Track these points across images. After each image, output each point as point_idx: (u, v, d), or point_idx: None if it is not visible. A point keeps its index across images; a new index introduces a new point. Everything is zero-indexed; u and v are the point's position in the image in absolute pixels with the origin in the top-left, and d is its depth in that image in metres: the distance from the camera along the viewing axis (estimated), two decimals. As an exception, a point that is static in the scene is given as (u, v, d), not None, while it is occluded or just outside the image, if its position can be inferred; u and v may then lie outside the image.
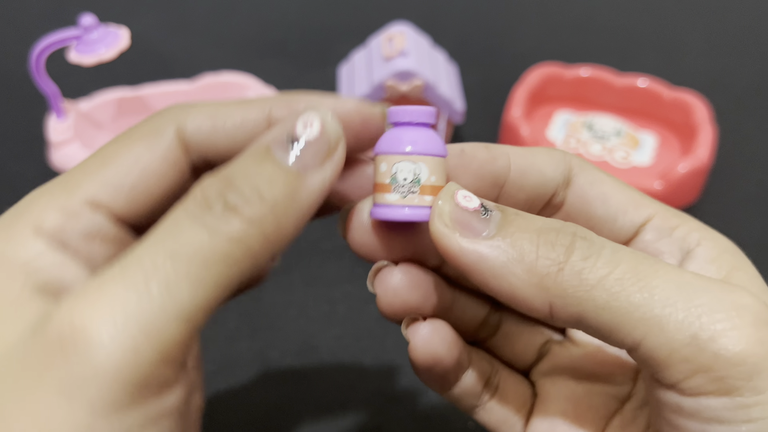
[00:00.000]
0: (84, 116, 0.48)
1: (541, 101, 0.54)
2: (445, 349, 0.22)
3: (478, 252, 0.18)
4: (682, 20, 0.67)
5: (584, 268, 0.18)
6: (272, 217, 0.17)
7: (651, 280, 0.18)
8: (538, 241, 0.18)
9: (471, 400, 0.24)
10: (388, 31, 0.49)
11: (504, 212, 0.19)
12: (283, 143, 0.18)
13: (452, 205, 0.19)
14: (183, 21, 0.66)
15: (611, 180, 0.23)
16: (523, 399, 0.25)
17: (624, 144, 0.51)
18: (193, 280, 0.16)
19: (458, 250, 0.19)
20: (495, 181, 0.22)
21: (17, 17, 0.66)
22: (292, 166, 0.18)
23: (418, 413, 0.36)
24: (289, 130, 0.18)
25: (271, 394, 0.36)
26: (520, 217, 0.19)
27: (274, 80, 0.56)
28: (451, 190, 0.20)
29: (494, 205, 0.20)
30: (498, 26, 0.66)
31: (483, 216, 0.19)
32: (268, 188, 0.17)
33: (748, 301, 0.17)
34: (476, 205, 0.19)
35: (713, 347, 0.17)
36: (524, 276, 0.18)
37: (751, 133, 0.54)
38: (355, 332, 0.39)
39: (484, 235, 0.19)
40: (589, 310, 0.18)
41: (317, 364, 0.38)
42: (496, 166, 0.22)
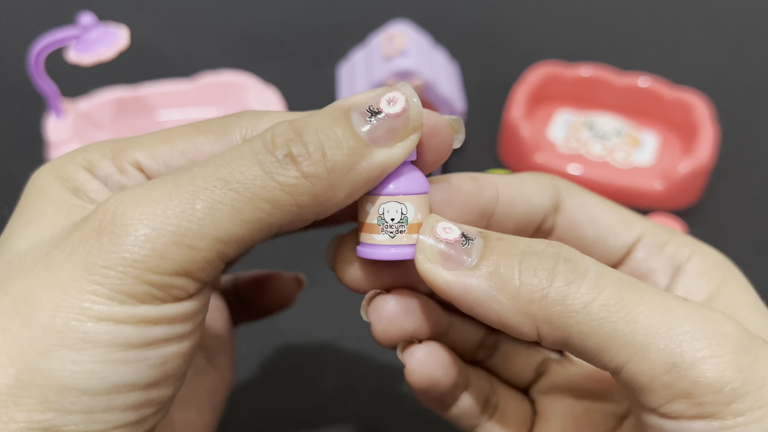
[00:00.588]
0: (83, 116, 0.48)
1: (541, 101, 0.54)
2: (441, 372, 0.22)
3: (462, 283, 0.19)
4: (684, 19, 0.67)
5: (568, 294, 0.18)
6: (327, 179, 0.17)
7: (635, 307, 0.18)
8: (520, 267, 0.18)
9: (470, 419, 0.24)
10: (389, 30, 0.49)
11: (486, 238, 0.19)
12: (363, 111, 0.18)
13: (433, 238, 0.19)
14: (182, 20, 0.66)
15: (600, 202, 0.23)
16: (522, 418, 0.25)
17: (625, 144, 0.51)
18: (236, 210, 0.17)
19: (443, 283, 0.19)
20: (483, 212, 0.22)
21: (16, 16, 0.66)
22: (363, 134, 0.18)
23: (418, 414, 0.36)
24: (373, 100, 0.18)
25: (271, 394, 0.36)
26: (502, 243, 0.19)
27: (273, 79, 0.55)
28: (431, 223, 0.20)
29: (476, 232, 0.19)
30: (498, 25, 0.66)
31: (464, 246, 0.19)
32: (333, 149, 0.18)
33: (728, 329, 0.18)
34: (456, 235, 0.19)
35: (693, 374, 0.17)
36: (509, 303, 0.18)
37: (753, 133, 0.54)
38: (354, 333, 0.39)
39: (466, 265, 0.19)
40: (575, 334, 0.18)
41: (317, 365, 0.38)
42: (483, 198, 0.22)
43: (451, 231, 0.19)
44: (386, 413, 0.36)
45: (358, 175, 0.18)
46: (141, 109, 0.50)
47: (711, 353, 0.17)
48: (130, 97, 0.50)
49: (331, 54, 0.61)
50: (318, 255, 0.43)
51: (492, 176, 0.22)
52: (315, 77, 0.58)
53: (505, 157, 0.50)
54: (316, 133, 0.18)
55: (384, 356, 0.38)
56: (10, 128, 0.53)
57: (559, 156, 0.49)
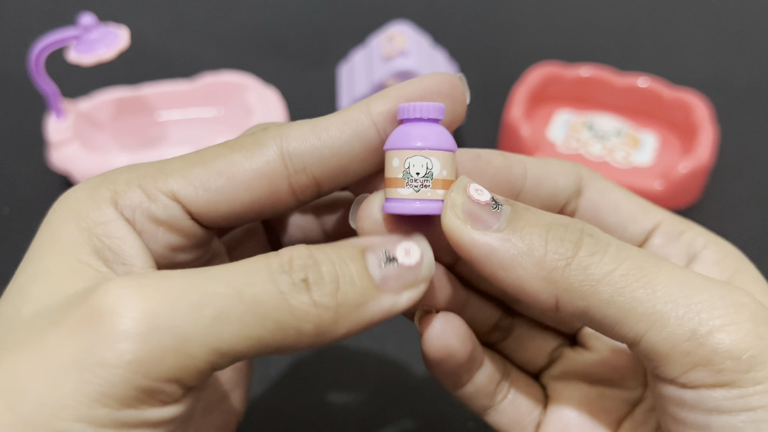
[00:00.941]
0: (83, 116, 0.48)
1: (541, 101, 0.54)
2: (458, 342, 0.22)
3: (489, 244, 0.19)
4: (683, 19, 0.67)
5: (591, 264, 0.18)
6: (334, 312, 0.18)
7: (655, 276, 0.18)
8: (547, 236, 0.19)
9: (484, 400, 0.24)
10: (389, 30, 0.49)
11: (514, 206, 0.20)
12: (380, 254, 0.19)
13: (464, 197, 0.19)
14: (182, 21, 0.66)
15: (620, 190, 0.24)
16: (535, 401, 0.25)
17: (624, 144, 0.51)
18: (243, 323, 0.17)
19: (469, 241, 0.19)
20: (511, 188, 0.22)
21: (16, 17, 0.66)
22: (376, 277, 0.19)
23: (418, 413, 0.36)
24: (390, 246, 0.19)
25: (271, 394, 0.36)
26: (529, 212, 0.20)
27: (273, 80, 0.55)
28: (463, 183, 0.20)
29: (504, 200, 0.20)
30: (498, 25, 0.66)
31: (494, 209, 0.19)
32: (346, 285, 0.18)
33: (746, 300, 0.18)
34: (487, 198, 0.19)
35: (712, 341, 0.17)
36: (533, 269, 0.19)
37: (752, 133, 0.54)
38: (355, 332, 0.39)
39: (494, 227, 0.19)
40: (594, 304, 0.18)
41: (317, 365, 0.38)
42: (512, 173, 0.22)
43: (482, 193, 0.20)
44: (387, 413, 0.36)
45: (362, 315, 0.18)
46: (141, 109, 0.50)
47: (729, 321, 0.17)
48: (130, 97, 0.50)
49: (331, 54, 0.61)
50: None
51: (521, 156, 0.23)
52: (315, 77, 0.58)
53: (505, 158, 0.50)
54: (333, 265, 0.18)
55: (384, 356, 0.38)
56: (11, 128, 0.53)
57: (559, 156, 0.49)
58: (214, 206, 0.20)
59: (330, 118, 0.20)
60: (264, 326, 0.17)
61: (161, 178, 0.20)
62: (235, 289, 0.17)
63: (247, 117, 0.49)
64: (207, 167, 0.20)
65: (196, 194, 0.20)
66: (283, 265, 0.18)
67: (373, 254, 0.19)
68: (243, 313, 0.17)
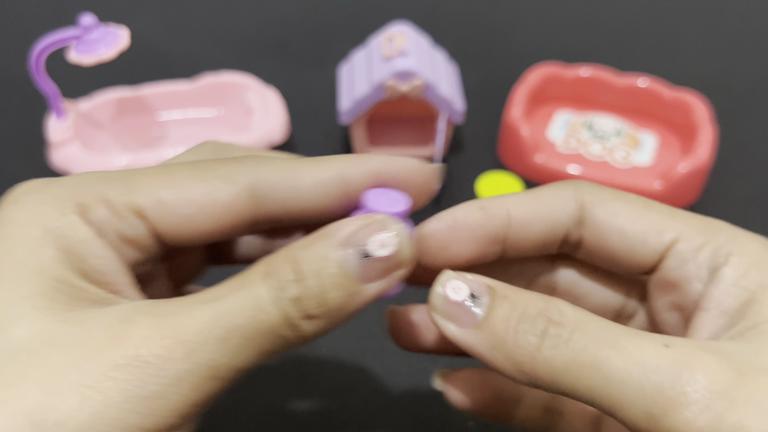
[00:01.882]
0: (84, 116, 0.48)
1: (541, 101, 0.54)
2: (489, 395, 0.24)
3: (467, 339, 0.20)
4: (683, 20, 0.67)
5: (553, 356, 0.19)
6: (326, 320, 0.19)
7: (611, 362, 0.19)
8: (515, 331, 0.20)
9: (534, 425, 0.26)
10: (389, 30, 0.49)
11: (493, 296, 0.20)
12: (357, 250, 0.19)
13: (441, 299, 0.21)
14: (183, 21, 0.66)
15: (629, 208, 0.22)
16: (589, 417, 0.26)
17: (624, 144, 0.51)
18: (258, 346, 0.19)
19: (452, 336, 0.21)
20: (493, 240, 0.23)
21: (17, 17, 0.66)
22: (356, 275, 0.19)
23: (418, 413, 0.36)
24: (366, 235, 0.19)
25: (271, 394, 0.36)
26: (506, 302, 0.20)
27: (274, 80, 0.56)
28: (443, 280, 0.21)
29: (484, 288, 0.21)
30: (498, 26, 0.66)
31: (471, 305, 0.20)
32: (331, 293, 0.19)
33: (701, 376, 0.18)
34: (464, 295, 0.21)
35: (667, 424, 0.18)
36: (505, 362, 0.20)
37: (751, 133, 0.54)
38: (355, 332, 0.39)
39: (472, 323, 0.20)
40: (563, 389, 0.20)
41: (317, 364, 0.38)
42: (491, 227, 0.22)
43: (459, 291, 0.21)
44: (386, 413, 0.36)
45: (351, 308, 0.19)
46: (141, 109, 0.50)
47: (684, 401, 0.18)
48: (130, 97, 0.50)
49: (332, 55, 0.61)
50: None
51: (504, 200, 0.23)
52: (315, 78, 0.58)
53: (505, 158, 0.50)
54: (318, 277, 0.19)
55: (384, 356, 0.38)
56: (11, 128, 0.53)
57: (558, 156, 0.49)
58: (180, 229, 0.20)
59: (306, 167, 0.21)
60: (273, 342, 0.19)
61: (129, 195, 0.20)
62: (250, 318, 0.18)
63: (247, 117, 0.49)
64: (177, 192, 0.20)
65: (164, 217, 0.20)
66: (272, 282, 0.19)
67: (351, 251, 0.19)
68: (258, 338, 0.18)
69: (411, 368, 0.38)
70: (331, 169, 0.21)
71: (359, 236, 0.19)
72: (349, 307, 0.19)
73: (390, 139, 0.52)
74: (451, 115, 0.47)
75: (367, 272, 0.19)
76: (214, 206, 0.20)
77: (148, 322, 0.18)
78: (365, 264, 0.19)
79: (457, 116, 0.47)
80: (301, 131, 0.53)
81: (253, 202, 0.21)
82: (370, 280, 0.19)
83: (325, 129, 0.53)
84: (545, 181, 0.48)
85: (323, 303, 0.19)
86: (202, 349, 0.18)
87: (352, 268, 0.19)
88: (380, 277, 0.20)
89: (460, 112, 0.47)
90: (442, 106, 0.46)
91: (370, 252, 0.19)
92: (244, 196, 0.20)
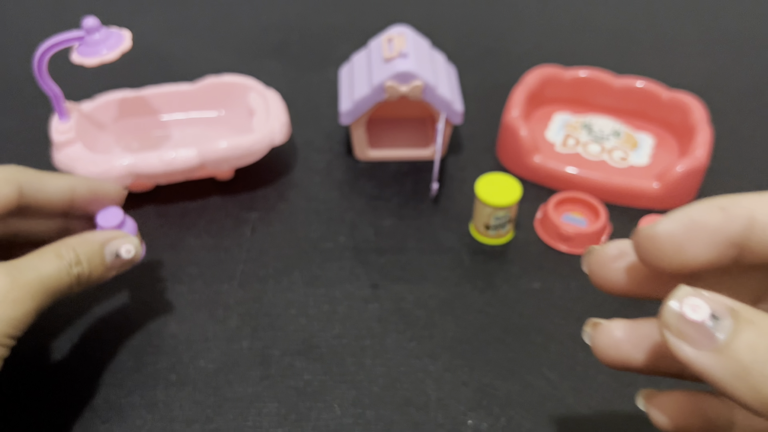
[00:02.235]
0: (86, 117, 0.48)
1: (539, 102, 0.54)
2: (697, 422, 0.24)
3: (704, 364, 0.19)
4: (679, 24, 0.67)
5: None
6: (87, 274, 0.33)
7: None
8: (764, 362, 0.18)
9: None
10: (388, 32, 0.49)
11: (737, 319, 0.19)
12: (111, 251, 0.34)
13: (677, 317, 0.19)
14: (185, 24, 0.66)
15: None
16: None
17: (622, 144, 0.51)
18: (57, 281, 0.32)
19: (685, 358, 0.19)
20: (733, 243, 0.21)
21: (22, 21, 0.67)
22: (107, 262, 0.34)
23: (417, 410, 0.36)
24: (115, 247, 0.35)
25: (272, 392, 0.37)
26: (752, 328, 0.18)
27: (275, 82, 0.56)
28: (679, 296, 0.19)
29: (726, 309, 0.19)
30: (496, 29, 0.66)
31: (711, 327, 0.19)
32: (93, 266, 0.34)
33: None
34: (705, 316, 0.19)
35: None
36: (749, 393, 0.18)
37: (747, 134, 0.54)
38: (355, 331, 0.40)
39: (711, 346, 0.18)
40: None
41: (318, 363, 0.38)
42: (732, 229, 0.21)
43: (699, 310, 0.19)
44: (386, 410, 0.36)
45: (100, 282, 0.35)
46: (143, 110, 0.51)
47: None
48: (132, 98, 0.50)
49: (332, 57, 0.61)
50: (318, 255, 0.44)
51: (747, 200, 0.21)
52: (316, 80, 0.59)
53: (504, 158, 0.50)
54: (87, 256, 0.33)
55: (384, 354, 0.38)
56: (16, 129, 0.53)
57: (557, 156, 0.50)
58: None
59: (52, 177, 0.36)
60: (66, 282, 0.32)
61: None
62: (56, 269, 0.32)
63: (248, 119, 0.50)
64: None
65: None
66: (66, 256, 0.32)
67: (109, 251, 0.34)
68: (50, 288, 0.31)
69: (411, 365, 0.38)
70: (65, 180, 0.36)
71: (114, 244, 0.34)
72: (100, 281, 0.34)
73: (389, 139, 0.52)
74: (450, 116, 0.47)
75: (113, 262, 0.34)
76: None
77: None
78: (114, 260, 0.34)
79: (457, 117, 0.48)
80: (302, 132, 0.53)
81: (16, 193, 0.34)
82: (114, 266, 0.35)
83: (325, 130, 0.54)
84: (544, 181, 0.49)
85: (89, 277, 0.33)
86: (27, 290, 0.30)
87: (108, 257, 0.34)
88: (123, 267, 0.35)
89: (459, 113, 0.48)
90: (442, 107, 0.47)
91: (120, 254, 0.35)
92: (13, 193, 0.33)
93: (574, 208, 0.46)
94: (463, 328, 0.40)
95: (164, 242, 0.45)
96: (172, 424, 0.35)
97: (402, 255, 0.44)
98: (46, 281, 0.31)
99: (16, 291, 0.30)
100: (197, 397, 0.36)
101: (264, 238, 0.45)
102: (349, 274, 0.43)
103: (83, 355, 0.38)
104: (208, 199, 0.48)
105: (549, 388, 0.37)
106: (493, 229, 0.44)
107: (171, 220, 0.46)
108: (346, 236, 0.45)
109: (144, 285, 0.42)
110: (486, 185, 0.43)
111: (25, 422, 0.35)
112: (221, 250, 0.44)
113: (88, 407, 0.36)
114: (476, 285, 0.42)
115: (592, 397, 0.36)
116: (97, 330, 0.39)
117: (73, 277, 0.33)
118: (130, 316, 0.40)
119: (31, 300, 0.30)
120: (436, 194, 0.48)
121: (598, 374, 0.37)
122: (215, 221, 0.46)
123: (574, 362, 0.38)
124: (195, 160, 0.45)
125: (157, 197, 0.48)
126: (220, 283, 0.42)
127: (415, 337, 0.39)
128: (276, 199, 0.48)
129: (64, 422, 0.35)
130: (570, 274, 0.43)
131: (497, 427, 0.35)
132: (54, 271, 0.32)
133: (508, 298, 0.41)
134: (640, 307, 0.41)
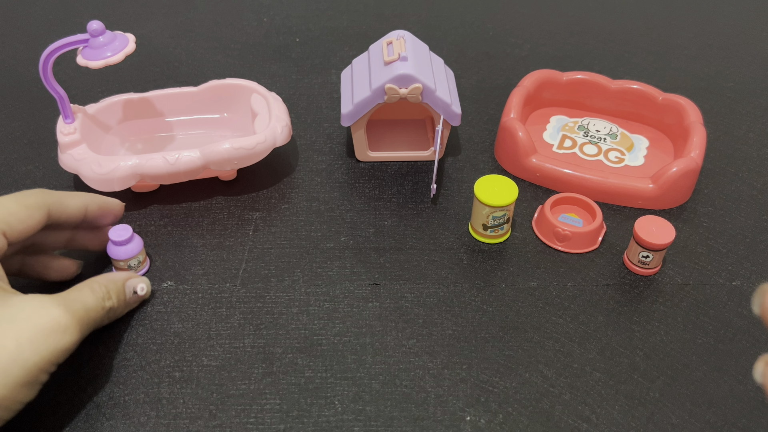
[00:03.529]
0: (91, 119, 0.49)
1: (537, 105, 0.55)
2: None
3: None
4: (673, 28, 0.68)
5: None
6: (116, 317, 0.39)
7: None
8: None
9: None
10: (388, 36, 0.50)
11: None
12: (130, 289, 0.40)
13: None
14: (189, 28, 0.67)
15: None
16: None
17: (618, 146, 0.52)
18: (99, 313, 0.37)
19: None
20: None
21: (29, 26, 0.67)
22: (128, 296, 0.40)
23: (417, 406, 0.37)
24: (133, 287, 0.40)
25: (274, 389, 0.37)
26: None
27: (277, 85, 0.56)
28: None
29: None
30: (494, 33, 0.67)
31: None
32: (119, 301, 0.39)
33: None
34: None
35: None
36: None
37: (740, 135, 0.55)
38: (355, 329, 0.40)
39: None
40: None
41: (319, 360, 0.39)
42: None
43: None
44: (386, 407, 0.37)
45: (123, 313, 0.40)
46: (147, 112, 0.51)
47: None
48: (136, 100, 0.51)
49: (333, 61, 0.62)
50: (320, 254, 0.45)
51: None
52: (317, 83, 0.59)
53: (502, 159, 0.51)
54: (117, 292, 0.38)
55: (384, 352, 0.39)
56: (22, 130, 0.54)
57: (554, 158, 0.50)
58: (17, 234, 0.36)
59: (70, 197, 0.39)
60: (101, 315, 0.36)
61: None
62: (94, 302, 0.36)
63: (251, 121, 0.50)
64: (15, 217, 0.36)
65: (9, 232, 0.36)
66: (99, 291, 0.37)
67: (129, 288, 0.40)
68: (91, 317, 0.36)
69: (410, 364, 0.38)
70: (80, 198, 0.40)
71: (132, 283, 0.40)
72: (120, 315, 0.40)
73: (389, 141, 0.53)
74: (449, 118, 0.48)
75: (131, 300, 0.40)
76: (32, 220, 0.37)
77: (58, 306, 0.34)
78: (132, 296, 0.40)
79: (455, 119, 0.48)
80: (303, 134, 0.54)
81: (46, 216, 0.38)
82: (132, 301, 0.40)
83: (326, 131, 0.54)
84: (541, 182, 0.49)
85: (116, 311, 0.39)
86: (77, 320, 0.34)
87: (128, 292, 0.39)
88: (135, 303, 0.41)
89: (457, 116, 0.48)
90: (440, 109, 0.47)
91: (136, 291, 0.40)
92: (43, 213, 0.37)
93: (570, 209, 0.47)
94: (461, 326, 0.40)
95: (168, 241, 0.45)
96: (176, 420, 0.36)
97: (401, 254, 0.45)
98: (91, 313, 0.35)
99: (69, 321, 0.33)
100: (201, 394, 0.37)
101: (266, 238, 0.46)
102: (350, 273, 0.43)
103: (88, 353, 0.39)
104: (212, 200, 0.48)
105: (546, 384, 0.37)
106: (491, 228, 0.45)
107: (175, 220, 0.47)
108: (347, 236, 0.46)
109: (148, 284, 0.43)
110: (484, 186, 0.44)
111: (30, 419, 0.36)
112: (224, 249, 0.45)
113: (93, 404, 0.36)
114: (474, 284, 0.43)
115: (588, 393, 0.37)
116: (101, 328, 0.40)
117: (106, 310, 0.37)
118: (134, 314, 0.41)
119: (78, 331, 0.33)
120: (435, 195, 0.49)
121: (594, 371, 0.38)
122: (218, 221, 0.47)
123: (570, 359, 0.39)
124: (198, 161, 0.45)
125: (162, 197, 0.48)
126: (223, 281, 0.43)
127: (414, 334, 0.40)
128: (278, 200, 0.48)
129: (69, 419, 0.36)
130: (566, 273, 0.43)
131: (495, 423, 0.36)
132: (93, 304, 0.36)
133: (505, 296, 0.42)
134: (650, 314, 0.41)
